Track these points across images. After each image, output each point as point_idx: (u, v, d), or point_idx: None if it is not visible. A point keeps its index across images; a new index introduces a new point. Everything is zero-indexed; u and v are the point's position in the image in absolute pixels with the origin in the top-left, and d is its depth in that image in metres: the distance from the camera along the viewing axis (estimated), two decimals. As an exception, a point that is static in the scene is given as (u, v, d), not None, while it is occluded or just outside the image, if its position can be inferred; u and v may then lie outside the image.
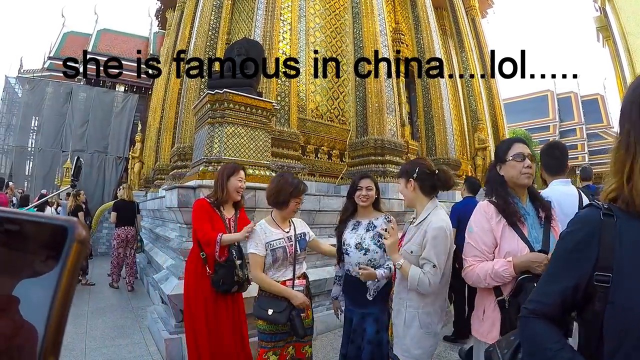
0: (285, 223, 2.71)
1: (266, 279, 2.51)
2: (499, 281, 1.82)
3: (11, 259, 0.28)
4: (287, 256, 2.57)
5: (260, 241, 2.54)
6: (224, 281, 2.85)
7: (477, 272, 1.88)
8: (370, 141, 7.33)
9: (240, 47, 5.24)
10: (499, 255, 1.89)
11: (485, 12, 15.59)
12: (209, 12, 9.15)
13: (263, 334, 2.52)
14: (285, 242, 2.58)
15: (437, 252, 2.05)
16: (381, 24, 8.23)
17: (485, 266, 1.86)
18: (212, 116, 4.54)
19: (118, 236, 7.05)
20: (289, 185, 2.62)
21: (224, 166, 3.17)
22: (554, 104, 36.85)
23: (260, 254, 2.52)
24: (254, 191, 4.17)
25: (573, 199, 2.76)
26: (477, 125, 11.33)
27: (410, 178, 2.21)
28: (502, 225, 1.90)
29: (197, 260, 2.96)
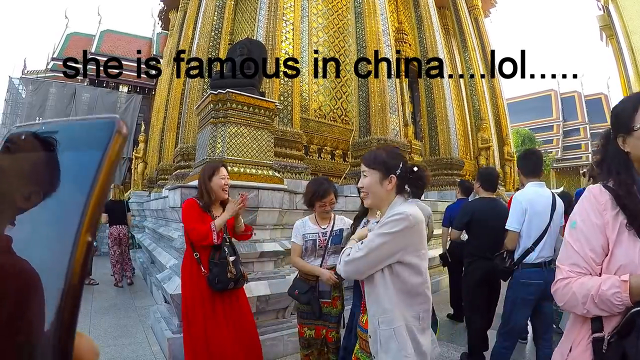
0: (324, 220, 3.05)
1: (299, 261, 2.95)
2: (604, 309, 1.21)
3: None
4: (316, 248, 2.94)
5: (298, 233, 2.98)
6: (219, 279, 2.87)
7: (575, 289, 1.27)
8: (373, 141, 7.32)
9: (243, 47, 5.24)
10: (608, 268, 1.28)
11: (488, 11, 15.54)
12: (211, 12, 9.16)
13: (299, 310, 3.01)
14: (319, 236, 2.96)
15: (377, 233, 1.70)
16: (384, 24, 8.23)
17: (587, 283, 1.25)
18: (214, 116, 4.54)
19: (111, 234, 7.29)
20: (312, 189, 2.98)
21: (203, 168, 3.18)
22: (557, 104, 36.76)
23: (298, 242, 2.96)
24: (257, 191, 4.17)
25: (546, 199, 3.12)
26: (480, 125, 11.30)
27: (391, 174, 1.80)
28: (618, 224, 1.28)
29: (191, 261, 2.98)
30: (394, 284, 1.69)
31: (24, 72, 19.90)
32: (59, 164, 0.29)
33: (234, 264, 2.93)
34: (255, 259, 4.18)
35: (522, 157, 3.40)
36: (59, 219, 0.28)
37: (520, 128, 32.25)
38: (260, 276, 4.15)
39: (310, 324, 2.94)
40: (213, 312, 2.94)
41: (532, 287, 3.09)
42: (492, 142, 11.23)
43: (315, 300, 2.85)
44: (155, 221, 7.71)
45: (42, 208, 0.29)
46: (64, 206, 0.28)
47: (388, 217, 1.72)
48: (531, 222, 3.08)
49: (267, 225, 4.40)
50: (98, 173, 0.28)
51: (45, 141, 0.30)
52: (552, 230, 3.09)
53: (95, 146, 0.28)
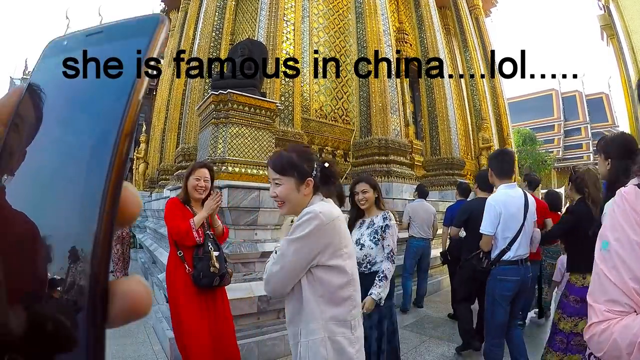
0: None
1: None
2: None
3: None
4: None
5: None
6: (203, 274, 2.83)
7: (616, 335, 0.90)
8: (374, 141, 7.33)
9: (244, 48, 5.25)
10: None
11: (489, 11, 15.53)
12: (212, 13, 9.18)
13: None
14: None
15: (289, 239, 1.53)
16: (384, 24, 8.23)
17: (632, 325, 0.89)
18: (216, 117, 4.56)
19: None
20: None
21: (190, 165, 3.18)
22: (558, 103, 36.73)
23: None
24: (258, 191, 4.18)
25: (518, 200, 3.17)
26: (481, 125, 11.29)
27: (307, 178, 1.63)
28: None
29: (175, 261, 2.96)
30: (315, 290, 1.52)
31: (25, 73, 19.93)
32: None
33: (217, 259, 2.87)
34: (257, 259, 4.19)
35: (493, 158, 3.41)
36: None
37: (521, 128, 32.21)
38: (262, 276, 4.15)
39: None
40: (199, 310, 2.93)
41: (509, 284, 3.18)
42: (493, 142, 11.23)
43: None
44: (157, 221, 7.72)
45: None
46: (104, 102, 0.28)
47: (298, 219, 1.56)
48: (506, 225, 3.13)
49: (268, 225, 4.41)
50: (146, 54, 0.28)
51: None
52: (526, 229, 3.17)
53: (141, 34, 0.29)
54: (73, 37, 0.32)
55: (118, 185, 0.25)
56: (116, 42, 0.30)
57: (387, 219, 2.83)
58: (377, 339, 2.73)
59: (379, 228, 2.80)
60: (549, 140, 34.54)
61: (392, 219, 2.85)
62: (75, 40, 0.32)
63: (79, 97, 0.29)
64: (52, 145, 0.28)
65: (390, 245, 2.78)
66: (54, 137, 0.28)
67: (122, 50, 0.29)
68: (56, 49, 0.32)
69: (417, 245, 5.57)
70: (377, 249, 2.79)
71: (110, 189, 0.24)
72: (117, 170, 0.25)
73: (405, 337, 4.64)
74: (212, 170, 3.14)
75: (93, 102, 0.28)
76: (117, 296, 0.25)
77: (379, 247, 2.79)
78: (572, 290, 3.18)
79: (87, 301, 0.24)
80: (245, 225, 4.22)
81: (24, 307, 0.24)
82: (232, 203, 4.05)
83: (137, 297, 0.26)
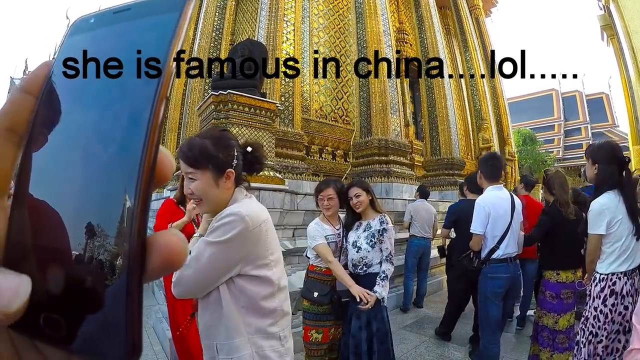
0: (334, 220, 3.02)
1: (338, 266, 2.78)
2: None
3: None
4: (336, 249, 2.92)
5: (319, 234, 2.86)
6: None
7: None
8: (374, 141, 7.33)
9: (244, 48, 5.25)
10: None
11: (489, 11, 15.54)
12: (212, 13, 9.19)
13: (307, 312, 2.90)
14: (336, 237, 2.94)
15: (206, 241, 1.33)
16: (384, 24, 8.23)
17: None
18: (216, 117, 4.56)
19: None
20: (316, 187, 3.00)
21: None
22: (558, 103, 36.70)
23: (325, 242, 2.84)
24: (258, 191, 4.18)
25: (505, 202, 3.33)
26: (482, 125, 11.30)
27: (228, 169, 1.40)
28: None
29: None
30: (237, 300, 1.34)
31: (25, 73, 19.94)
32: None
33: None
34: (257, 259, 4.19)
35: (483, 162, 3.57)
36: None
37: (522, 128, 32.17)
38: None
39: (320, 326, 2.88)
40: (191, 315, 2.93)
41: (500, 281, 3.29)
42: (493, 142, 11.23)
43: (337, 301, 2.83)
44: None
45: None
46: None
47: (218, 219, 1.34)
48: (495, 224, 3.26)
49: (268, 225, 4.41)
50: (174, 35, 0.28)
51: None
52: (513, 229, 3.30)
53: (170, 9, 0.29)
54: (100, 15, 0.32)
55: (156, 146, 0.25)
56: (144, 18, 0.30)
57: (385, 222, 2.85)
58: (367, 339, 2.74)
59: (376, 231, 2.83)
60: (549, 140, 34.51)
61: (389, 222, 2.88)
62: (102, 18, 0.32)
63: (108, 77, 0.29)
64: (80, 123, 0.28)
65: (388, 247, 2.82)
66: (82, 116, 0.28)
67: (151, 26, 0.29)
68: (83, 27, 0.32)
69: (418, 244, 5.62)
70: (373, 252, 2.82)
71: (148, 148, 0.25)
72: (153, 134, 0.25)
73: (405, 337, 4.64)
74: None
75: (122, 82, 0.29)
76: (154, 248, 0.26)
77: (376, 250, 2.83)
78: (548, 286, 3.38)
79: (128, 255, 0.24)
80: (245, 225, 4.22)
81: (60, 266, 0.25)
82: (232, 203, 4.05)
83: (175, 248, 0.26)
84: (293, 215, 4.84)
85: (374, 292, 2.69)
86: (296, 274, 4.36)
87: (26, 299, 0.23)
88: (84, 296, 0.24)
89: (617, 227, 2.45)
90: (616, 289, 2.39)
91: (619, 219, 2.45)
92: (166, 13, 0.29)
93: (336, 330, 2.96)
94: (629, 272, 2.43)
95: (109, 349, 0.23)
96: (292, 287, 4.03)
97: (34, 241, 0.26)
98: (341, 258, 2.96)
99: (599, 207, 2.49)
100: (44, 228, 0.26)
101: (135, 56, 0.28)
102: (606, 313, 2.39)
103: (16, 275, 0.24)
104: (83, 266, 0.25)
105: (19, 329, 0.24)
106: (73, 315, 0.24)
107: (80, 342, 0.24)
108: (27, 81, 0.29)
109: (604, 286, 2.44)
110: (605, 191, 2.52)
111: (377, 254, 2.83)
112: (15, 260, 0.25)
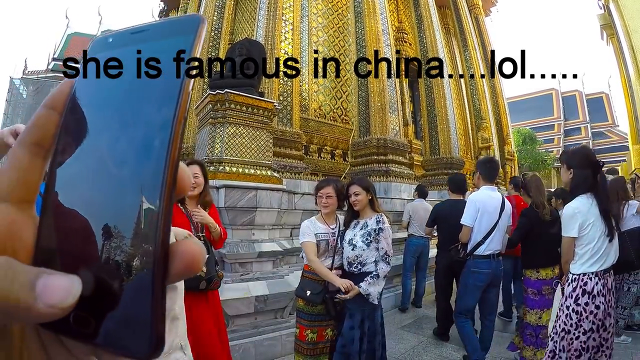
0: (331, 220, 3.04)
1: (318, 264, 2.83)
2: None
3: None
4: (328, 248, 2.94)
5: (310, 231, 2.91)
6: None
7: None
8: (372, 140, 7.31)
9: (242, 48, 5.24)
10: None
11: (488, 10, 15.51)
12: (211, 12, 9.19)
13: (302, 312, 2.93)
14: (329, 236, 2.95)
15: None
16: (383, 23, 8.21)
17: None
18: (213, 116, 4.54)
19: None
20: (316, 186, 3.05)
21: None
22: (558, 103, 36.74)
23: (313, 240, 2.88)
24: (255, 191, 4.18)
25: (496, 201, 3.62)
26: (481, 124, 11.28)
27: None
28: None
29: None
30: None
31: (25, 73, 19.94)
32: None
33: (205, 262, 2.84)
34: (254, 259, 4.18)
35: (481, 163, 4.00)
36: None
37: (521, 127, 32.19)
38: (259, 276, 4.15)
39: (315, 326, 2.89)
40: (187, 314, 2.90)
41: (481, 275, 3.60)
42: (492, 142, 11.21)
43: (330, 300, 2.83)
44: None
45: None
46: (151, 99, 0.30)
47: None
48: (482, 219, 3.56)
49: (265, 225, 4.40)
50: (192, 51, 0.30)
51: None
52: (500, 227, 3.60)
53: (185, 32, 0.31)
54: (119, 35, 0.34)
55: (176, 164, 0.27)
56: (161, 40, 0.31)
57: (381, 222, 2.85)
58: (360, 338, 2.75)
59: (372, 230, 2.83)
60: (549, 139, 34.53)
61: (386, 222, 2.88)
62: (120, 38, 0.33)
63: (128, 94, 0.31)
64: (102, 140, 0.30)
65: (384, 247, 2.82)
66: (104, 132, 0.30)
67: (168, 47, 0.31)
68: (102, 45, 0.34)
69: (416, 243, 5.63)
70: (368, 251, 2.82)
71: (170, 165, 0.27)
72: (174, 151, 0.27)
73: (403, 337, 4.64)
74: (203, 166, 3.13)
75: (142, 98, 0.30)
76: (177, 255, 0.28)
77: (371, 249, 2.82)
78: (529, 284, 3.66)
79: (153, 262, 0.26)
80: (242, 225, 4.22)
81: (90, 268, 0.27)
82: (229, 203, 4.04)
83: (195, 255, 0.29)
84: (291, 214, 4.83)
85: (358, 286, 2.71)
86: (294, 273, 4.35)
87: (78, 296, 0.25)
88: (111, 296, 0.26)
89: (589, 229, 2.56)
90: (587, 289, 2.51)
91: (590, 221, 2.56)
92: (182, 35, 0.31)
93: (332, 331, 2.95)
94: (601, 273, 2.54)
95: (136, 343, 0.25)
96: (290, 287, 4.03)
97: (61, 246, 0.28)
98: (336, 258, 2.96)
99: (572, 210, 2.62)
100: (73, 234, 0.28)
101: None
102: (579, 311, 2.51)
103: (66, 275, 0.26)
104: (111, 269, 0.27)
105: (46, 325, 0.26)
106: (101, 313, 0.26)
107: (105, 337, 0.26)
108: (51, 98, 0.32)
109: (576, 286, 2.57)
110: (580, 195, 2.65)
111: (372, 253, 2.83)
112: (44, 264, 0.27)
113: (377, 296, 2.74)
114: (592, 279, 2.52)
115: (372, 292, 2.72)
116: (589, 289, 2.51)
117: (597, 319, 2.47)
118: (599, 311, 2.47)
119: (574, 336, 2.53)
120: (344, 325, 2.82)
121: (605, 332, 2.52)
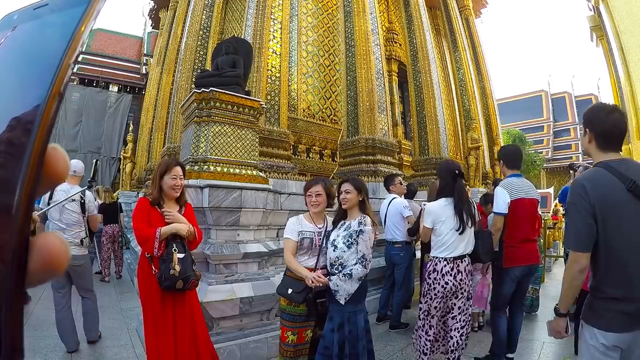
0: (319, 219, 3.03)
1: (292, 260, 2.86)
2: None
3: None
4: (312, 246, 2.90)
5: (293, 229, 2.91)
6: (165, 276, 2.73)
7: None
8: (361, 140, 7.26)
9: (229, 46, 5.19)
10: None
11: (479, 12, 15.56)
12: (200, 11, 9.11)
13: (284, 312, 2.92)
14: (314, 235, 2.92)
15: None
16: (373, 23, 8.17)
17: None
18: (198, 115, 4.47)
19: (106, 232, 7.87)
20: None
21: (158, 163, 3.15)
22: (548, 104, 37.03)
23: (293, 238, 2.89)
24: (240, 191, 4.12)
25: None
26: (471, 125, 11.28)
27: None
28: None
29: (143, 261, 2.92)
30: None
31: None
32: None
33: (180, 261, 2.77)
34: (239, 260, 4.12)
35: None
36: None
37: (511, 128, 32.42)
38: (244, 277, 4.10)
39: (296, 328, 2.85)
40: (163, 315, 2.85)
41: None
42: (482, 142, 11.23)
43: (312, 300, 2.77)
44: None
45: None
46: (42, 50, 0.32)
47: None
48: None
49: (250, 225, 4.34)
50: (80, 23, 0.31)
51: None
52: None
53: (82, 2, 0.32)
54: (22, 11, 0.36)
55: (43, 145, 0.26)
56: (57, 12, 0.33)
57: (362, 224, 2.79)
58: (339, 341, 2.67)
59: (354, 232, 2.78)
60: (539, 141, 34.80)
61: (368, 225, 2.80)
62: (24, 13, 0.36)
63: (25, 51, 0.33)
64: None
65: (362, 250, 2.74)
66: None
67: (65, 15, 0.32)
68: (7, 22, 0.36)
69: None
70: (349, 252, 2.75)
71: (35, 149, 0.25)
72: (41, 134, 0.26)
73: (392, 339, 4.61)
74: (184, 167, 3.15)
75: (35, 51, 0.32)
76: (34, 250, 0.25)
77: (352, 251, 2.75)
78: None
79: (11, 252, 0.23)
80: (227, 225, 4.15)
81: None
82: (213, 203, 3.98)
83: (54, 250, 0.26)
84: (277, 215, 4.78)
85: (329, 279, 2.70)
86: (280, 275, 4.29)
87: None
88: None
89: (440, 226, 3.30)
90: (437, 268, 3.29)
91: (442, 220, 3.29)
92: (77, 7, 0.32)
93: (312, 333, 2.90)
94: (449, 259, 3.26)
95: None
96: (276, 288, 3.97)
97: None
98: (321, 258, 2.92)
99: (427, 208, 3.43)
100: None
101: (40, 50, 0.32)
102: (430, 283, 3.31)
103: None
104: None
105: None
106: None
107: None
108: None
109: (429, 265, 3.40)
110: (442, 197, 3.38)
111: (353, 255, 2.76)
112: None
113: (345, 296, 2.66)
114: (441, 262, 3.28)
115: (341, 290, 2.66)
116: (439, 269, 3.27)
117: (446, 291, 3.23)
118: (448, 286, 3.21)
119: (423, 301, 3.36)
120: (325, 326, 2.78)
121: (456, 299, 3.28)
